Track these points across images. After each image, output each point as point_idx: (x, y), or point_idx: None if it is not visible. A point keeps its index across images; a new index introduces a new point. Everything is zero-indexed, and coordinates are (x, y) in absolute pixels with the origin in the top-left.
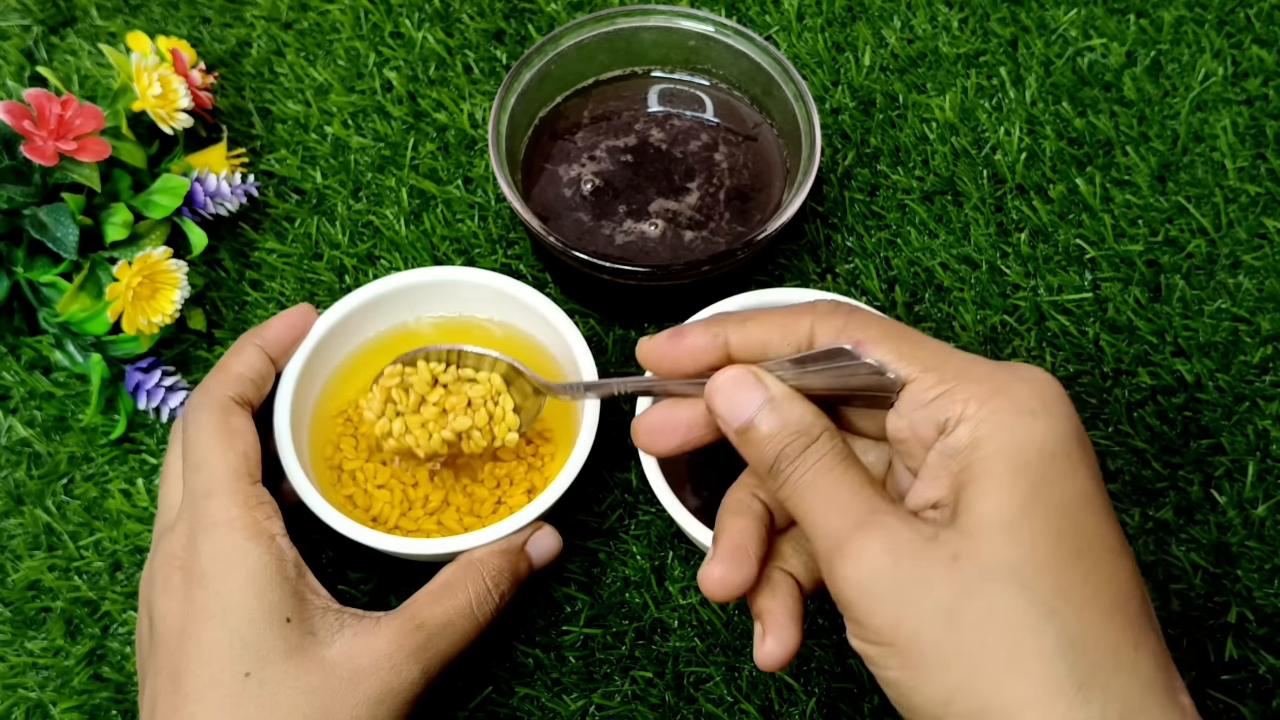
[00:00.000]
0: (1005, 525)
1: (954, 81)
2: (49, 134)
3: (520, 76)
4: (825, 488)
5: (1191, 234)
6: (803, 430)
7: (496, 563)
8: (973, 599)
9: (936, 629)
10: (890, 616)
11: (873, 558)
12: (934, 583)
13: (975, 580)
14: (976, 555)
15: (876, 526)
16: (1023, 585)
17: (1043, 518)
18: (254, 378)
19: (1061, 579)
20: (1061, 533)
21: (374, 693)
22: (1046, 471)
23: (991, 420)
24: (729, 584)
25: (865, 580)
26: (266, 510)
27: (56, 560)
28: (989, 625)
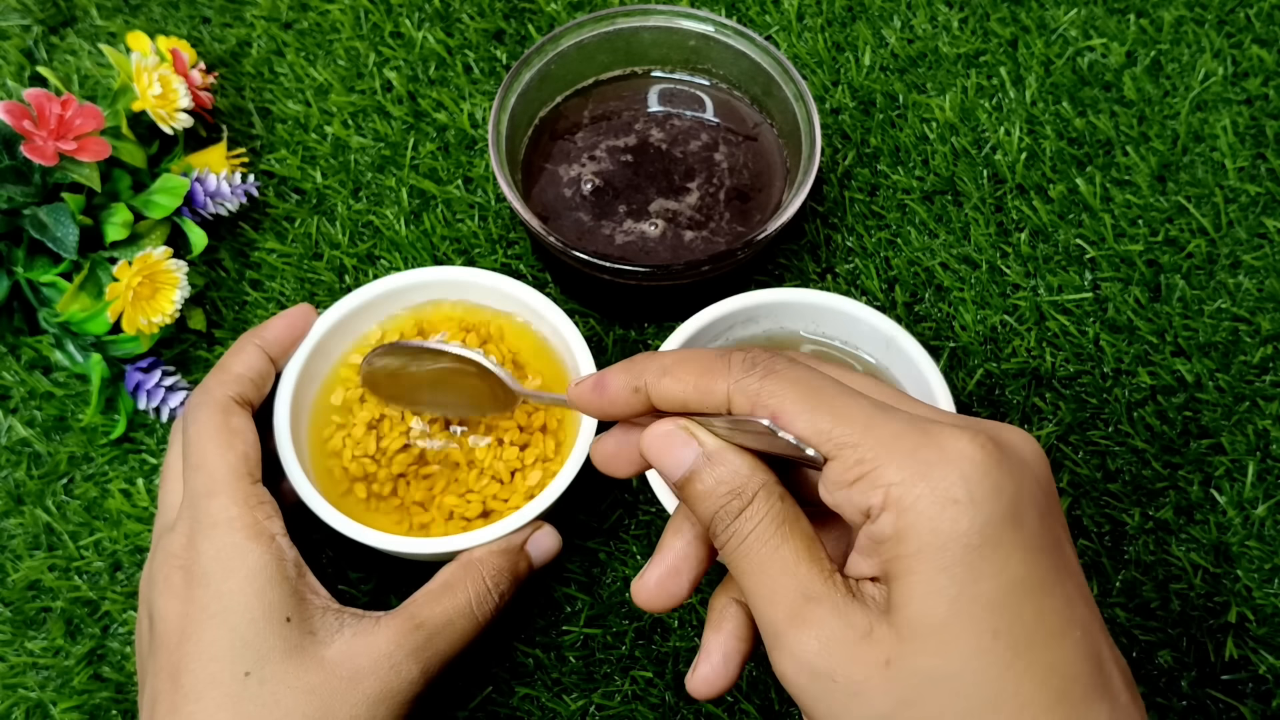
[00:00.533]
0: (935, 631)
1: (954, 81)
2: (49, 134)
3: (520, 76)
4: (761, 563)
5: (1191, 234)
6: (736, 490)
7: (496, 562)
8: (909, 708)
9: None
10: (829, 715)
11: (808, 657)
12: (869, 691)
13: (910, 690)
14: (909, 662)
15: (809, 621)
16: (955, 695)
17: (972, 619)
18: (254, 377)
19: (996, 685)
20: (996, 631)
21: (374, 692)
22: (973, 566)
23: (913, 511)
24: (659, 599)
25: (802, 679)
26: (267, 510)
27: (56, 560)
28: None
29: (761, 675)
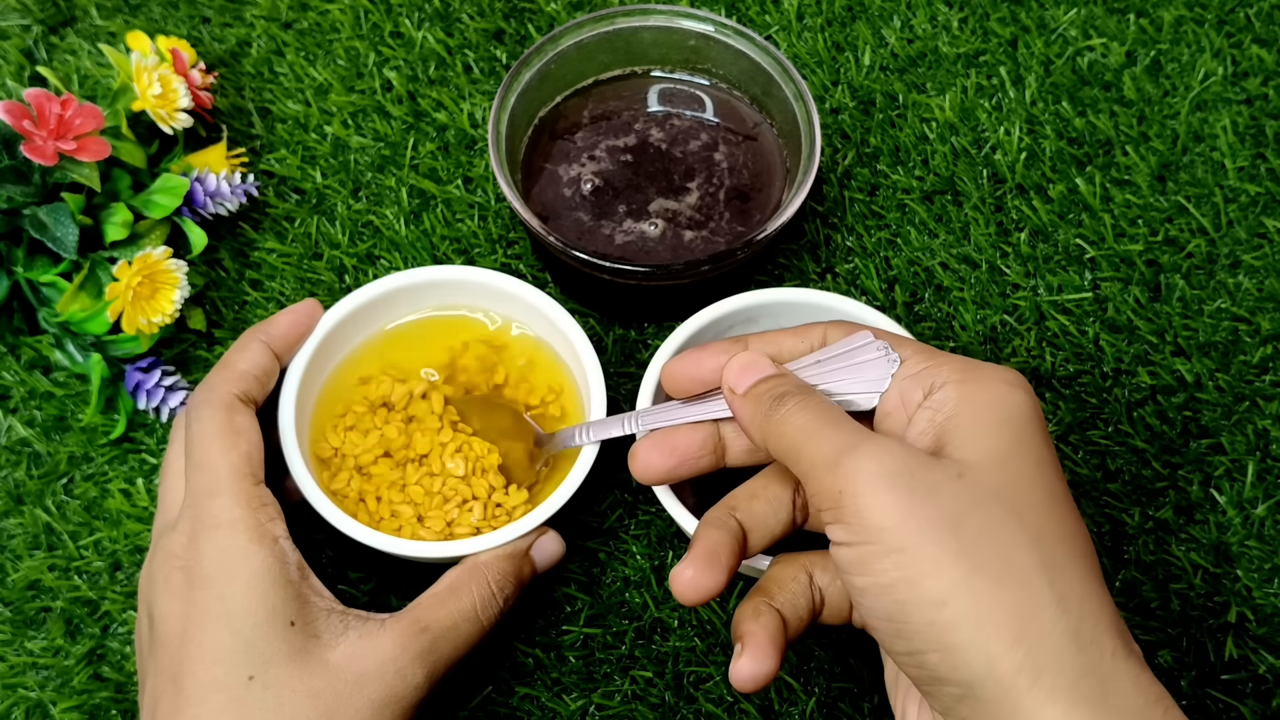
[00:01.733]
0: (997, 461)
1: (954, 81)
2: (49, 134)
3: (520, 76)
4: (829, 412)
5: (1191, 234)
6: (803, 385)
7: (501, 566)
8: (974, 512)
9: (943, 531)
10: (899, 514)
11: (891, 457)
12: (943, 491)
13: (977, 497)
14: (975, 479)
15: (885, 439)
16: (1013, 511)
17: (1024, 462)
18: (258, 374)
19: (1042, 517)
20: (1037, 480)
21: (378, 696)
22: (1025, 428)
23: (974, 383)
24: (699, 586)
25: (879, 475)
26: (269, 512)
27: (56, 560)
28: (987, 538)
29: None
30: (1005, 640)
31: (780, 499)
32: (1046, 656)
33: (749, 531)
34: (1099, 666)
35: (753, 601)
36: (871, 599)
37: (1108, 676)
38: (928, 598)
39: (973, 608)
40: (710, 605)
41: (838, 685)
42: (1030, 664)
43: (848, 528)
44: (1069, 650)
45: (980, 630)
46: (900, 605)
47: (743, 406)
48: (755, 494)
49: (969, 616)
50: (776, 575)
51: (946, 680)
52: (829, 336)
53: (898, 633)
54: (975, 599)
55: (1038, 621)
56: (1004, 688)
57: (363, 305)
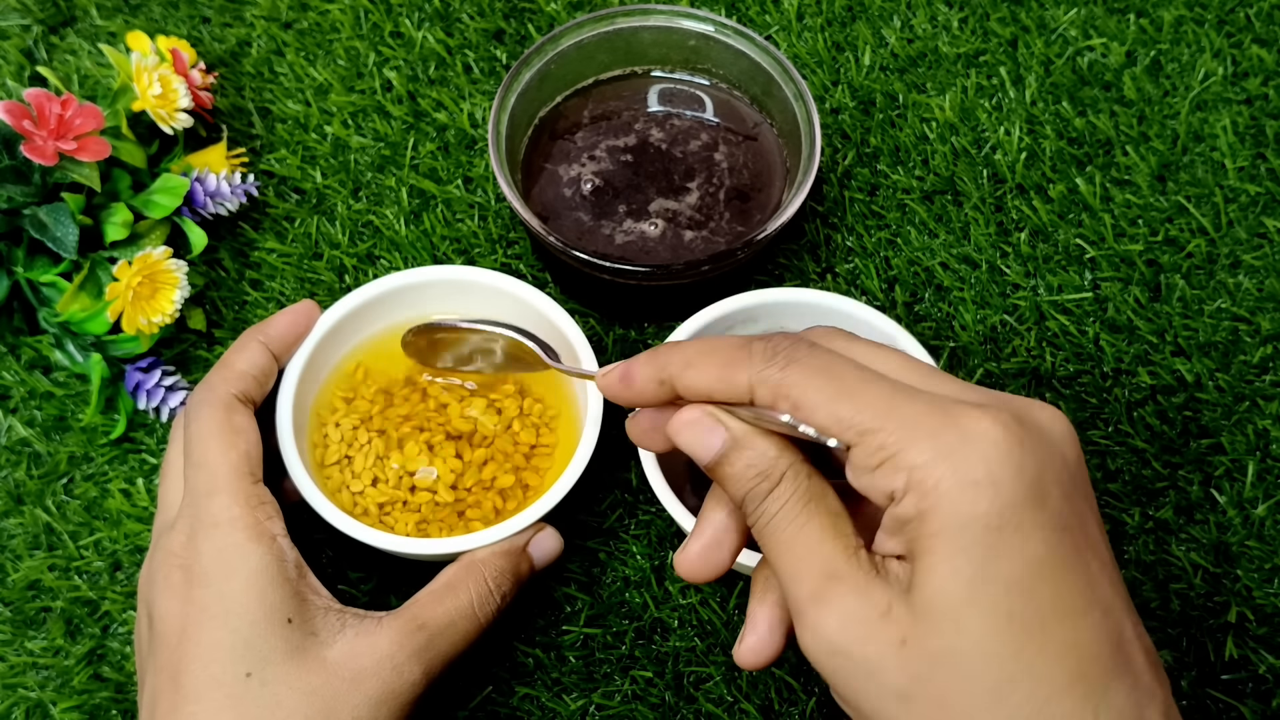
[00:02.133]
0: (951, 611)
1: (954, 81)
2: (49, 134)
3: (520, 76)
4: (787, 542)
5: (1191, 234)
6: (765, 473)
7: (498, 563)
8: (923, 686)
9: (894, 709)
10: (850, 690)
11: (828, 635)
12: (886, 667)
13: (924, 668)
14: (924, 642)
15: (830, 599)
16: (969, 675)
17: (989, 599)
18: (257, 374)
19: (1010, 664)
20: (1011, 612)
21: (376, 693)
22: (992, 547)
23: (935, 493)
24: (702, 570)
25: (822, 656)
26: (268, 510)
27: (56, 560)
28: (940, 713)
29: (762, 675)
30: None
31: None
32: None
33: None
34: None
35: (763, 571)
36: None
37: None
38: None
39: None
40: (710, 605)
41: None
42: None
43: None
44: None
45: None
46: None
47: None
48: None
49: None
50: None
51: None
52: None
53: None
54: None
55: None
56: None
57: (361, 305)
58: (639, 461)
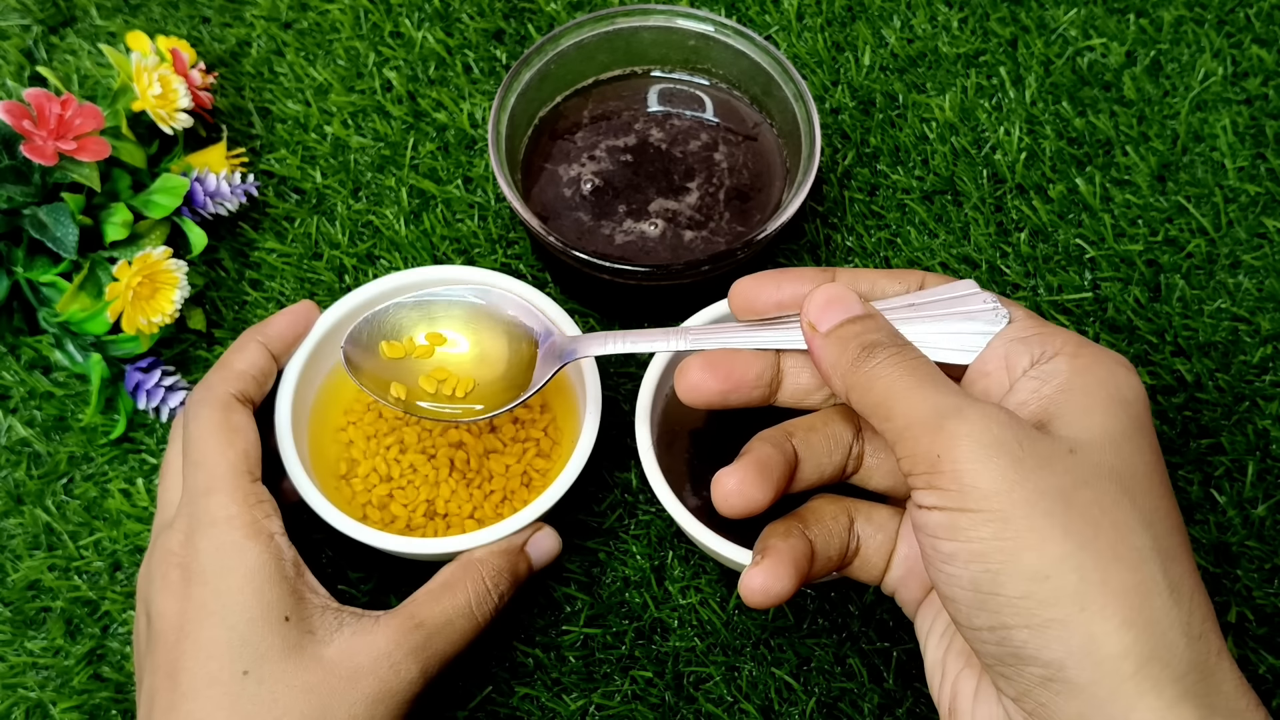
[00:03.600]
0: (1112, 442)
1: (954, 81)
2: (49, 134)
3: (520, 76)
4: (927, 371)
5: (1191, 234)
6: (894, 334)
7: (496, 563)
8: (1085, 488)
9: (1052, 504)
10: (1006, 481)
11: (1000, 425)
12: (1053, 464)
13: (1089, 474)
14: (1089, 456)
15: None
16: (1128, 492)
17: (1140, 449)
18: (256, 375)
19: (1155, 502)
20: (1154, 467)
21: (372, 691)
22: (1138, 413)
23: (1088, 359)
24: (746, 496)
25: (989, 440)
26: (266, 509)
27: (56, 560)
28: (1098, 515)
29: (762, 675)
30: (1112, 621)
31: (840, 439)
32: (1156, 644)
33: (801, 462)
34: (1205, 662)
35: (787, 523)
36: (958, 565)
37: (1213, 674)
38: (1027, 569)
39: (1078, 584)
40: (710, 605)
41: (838, 685)
42: (1139, 649)
43: (943, 493)
44: (1179, 641)
45: (1084, 608)
46: (992, 575)
47: (825, 348)
48: (814, 427)
49: (1072, 593)
50: (817, 508)
51: (1032, 660)
52: (928, 283)
53: (982, 604)
54: (1082, 575)
55: (1149, 607)
56: (1103, 671)
57: (360, 306)
58: (639, 461)
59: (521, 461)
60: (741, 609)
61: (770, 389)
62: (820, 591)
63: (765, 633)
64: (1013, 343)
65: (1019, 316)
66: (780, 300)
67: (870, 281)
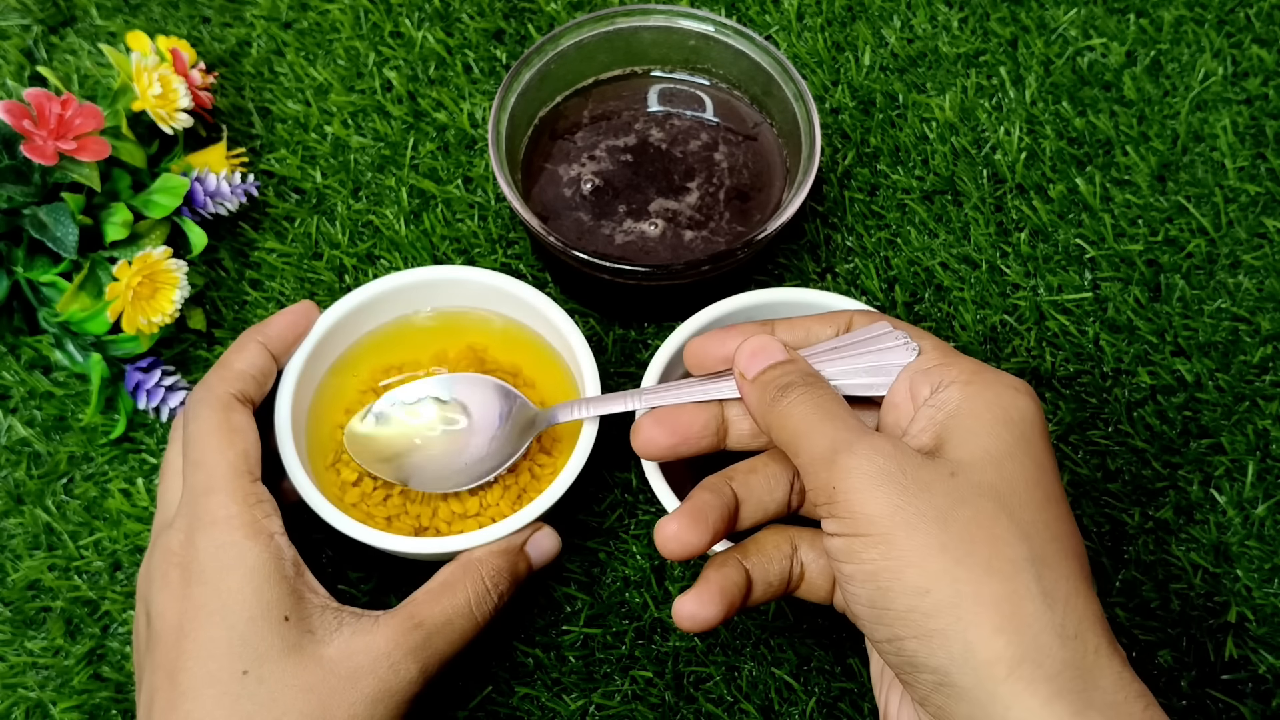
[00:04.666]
0: (992, 460)
1: (954, 81)
2: (49, 134)
3: (520, 76)
4: (831, 407)
5: (1191, 234)
6: (810, 374)
7: (496, 563)
8: (964, 506)
9: (931, 523)
10: (890, 506)
11: (884, 456)
12: (933, 488)
13: (967, 493)
14: (969, 476)
15: (883, 438)
16: (1005, 508)
17: (1022, 465)
18: (256, 375)
19: (1034, 515)
20: (1036, 481)
21: (372, 691)
22: (1025, 431)
23: (979, 384)
24: (682, 540)
25: (874, 471)
26: (265, 508)
27: (56, 560)
28: (975, 531)
29: (762, 675)
30: (985, 629)
31: (778, 478)
32: (1027, 647)
33: (742, 503)
34: (1081, 660)
35: (726, 554)
36: (857, 585)
37: (1089, 671)
38: (910, 585)
39: (953, 596)
40: None
41: (838, 685)
42: (1009, 653)
43: (840, 520)
44: (1051, 643)
45: (959, 618)
46: (882, 592)
47: (750, 392)
48: (755, 469)
49: (949, 604)
50: (760, 540)
51: (923, 667)
52: (855, 323)
53: (879, 619)
54: (957, 588)
55: (1021, 613)
56: (980, 675)
57: (361, 305)
58: (639, 461)
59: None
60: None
61: (718, 437)
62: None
63: (765, 633)
64: (917, 375)
65: (927, 348)
66: (726, 355)
67: (804, 329)
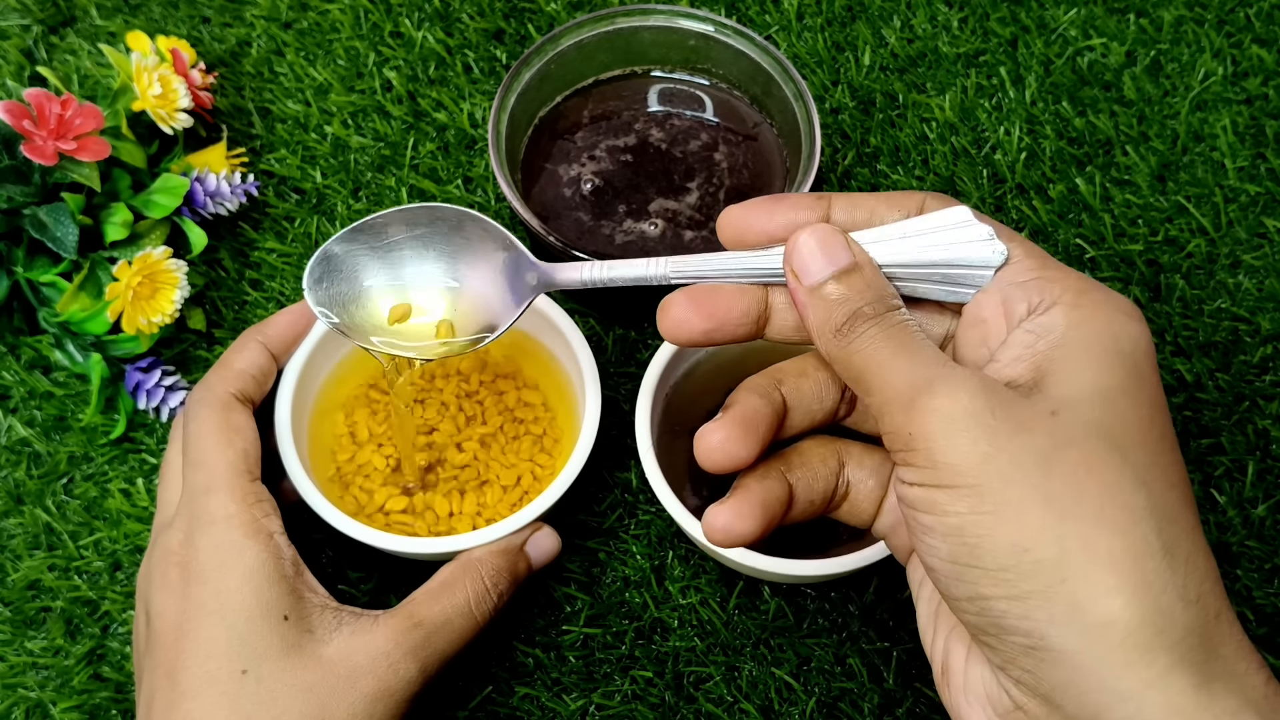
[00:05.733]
0: (1104, 397)
1: (954, 81)
2: (49, 134)
3: (520, 76)
4: (906, 340)
5: (1191, 233)
6: (884, 296)
7: (495, 562)
8: (1069, 449)
9: (1030, 471)
10: (979, 454)
11: (970, 394)
12: (1032, 428)
13: (1074, 434)
14: (1075, 414)
15: (968, 374)
16: (1118, 449)
17: (1136, 401)
18: (256, 374)
19: (1151, 457)
20: (1151, 420)
21: (371, 691)
22: (1139, 365)
23: (1088, 309)
24: (729, 453)
25: (959, 414)
26: (265, 508)
27: (56, 560)
28: (1084, 476)
29: (762, 675)
30: (1098, 588)
31: (829, 386)
32: (1148, 610)
33: (790, 410)
34: (1203, 627)
35: (767, 464)
36: (937, 539)
37: (1211, 639)
38: (1005, 542)
39: (1059, 554)
40: (710, 605)
41: (838, 685)
42: (1128, 616)
43: (919, 470)
44: (1174, 605)
45: (1066, 578)
46: (970, 549)
47: (809, 308)
48: (805, 372)
49: (1052, 563)
50: (804, 450)
51: (1014, 630)
52: (927, 206)
53: (960, 575)
54: (1063, 544)
55: (1141, 571)
56: (1088, 639)
57: None
58: (639, 461)
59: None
60: (742, 609)
61: (758, 325)
62: (820, 591)
63: (765, 633)
64: (1010, 287)
65: (1018, 255)
66: (772, 231)
67: (869, 209)
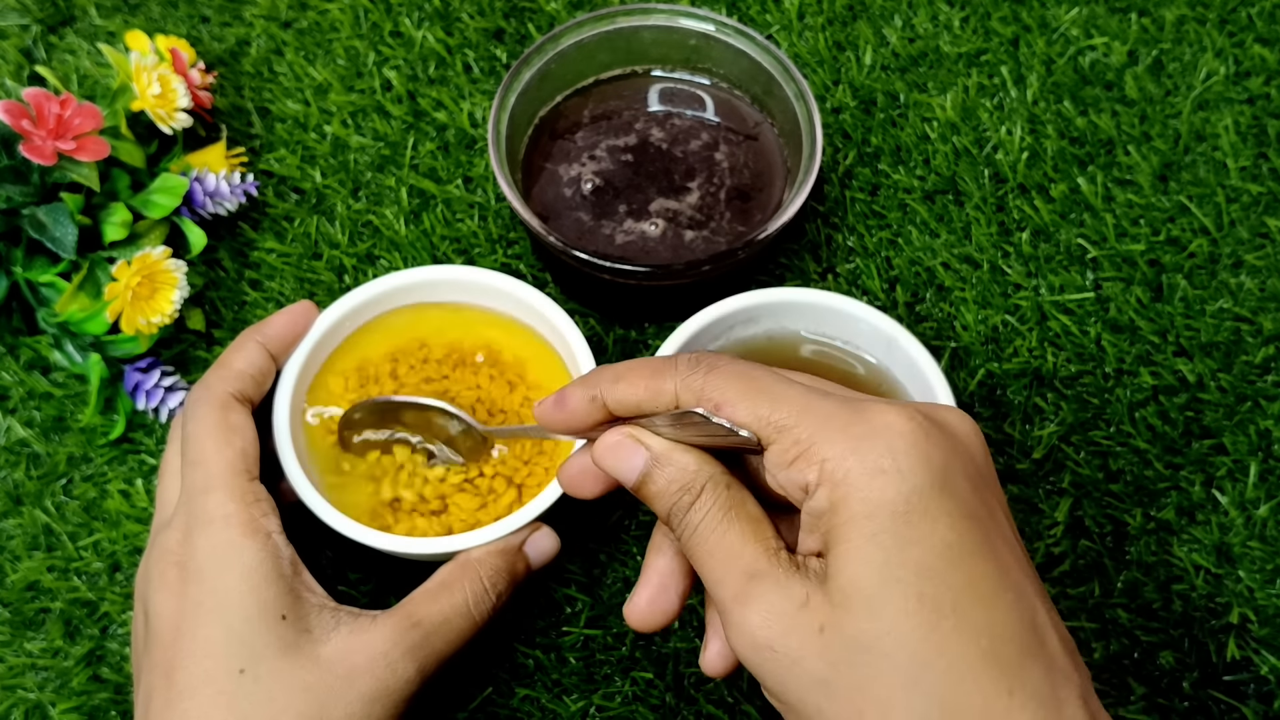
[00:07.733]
0: (864, 597)
1: (955, 80)
2: (48, 133)
3: (520, 76)
4: (711, 549)
5: (1193, 233)
6: (686, 486)
7: (494, 562)
8: (842, 671)
9: (817, 697)
10: (776, 683)
11: (752, 631)
12: (806, 656)
13: (842, 653)
14: (841, 628)
15: (752, 597)
16: (885, 657)
17: (899, 584)
18: (254, 374)
19: (922, 647)
20: (921, 595)
21: (369, 691)
22: (899, 533)
23: (845, 484)
24: (652, 618)
25: (748, 653)
26: (263, 507)
27: (55, 561)
28: (860, 697)
29: None
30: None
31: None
32: None
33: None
34: None
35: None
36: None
37: None
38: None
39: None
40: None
41: None
42: None
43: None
44: None
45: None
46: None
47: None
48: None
49: None
50: None
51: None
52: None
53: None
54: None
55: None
56: None
57: (360, 305)
58: None
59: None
60: None
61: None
62: None
63: None
64: (780, 473)
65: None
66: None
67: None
